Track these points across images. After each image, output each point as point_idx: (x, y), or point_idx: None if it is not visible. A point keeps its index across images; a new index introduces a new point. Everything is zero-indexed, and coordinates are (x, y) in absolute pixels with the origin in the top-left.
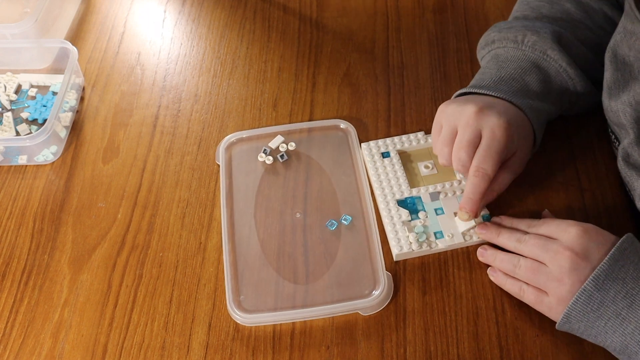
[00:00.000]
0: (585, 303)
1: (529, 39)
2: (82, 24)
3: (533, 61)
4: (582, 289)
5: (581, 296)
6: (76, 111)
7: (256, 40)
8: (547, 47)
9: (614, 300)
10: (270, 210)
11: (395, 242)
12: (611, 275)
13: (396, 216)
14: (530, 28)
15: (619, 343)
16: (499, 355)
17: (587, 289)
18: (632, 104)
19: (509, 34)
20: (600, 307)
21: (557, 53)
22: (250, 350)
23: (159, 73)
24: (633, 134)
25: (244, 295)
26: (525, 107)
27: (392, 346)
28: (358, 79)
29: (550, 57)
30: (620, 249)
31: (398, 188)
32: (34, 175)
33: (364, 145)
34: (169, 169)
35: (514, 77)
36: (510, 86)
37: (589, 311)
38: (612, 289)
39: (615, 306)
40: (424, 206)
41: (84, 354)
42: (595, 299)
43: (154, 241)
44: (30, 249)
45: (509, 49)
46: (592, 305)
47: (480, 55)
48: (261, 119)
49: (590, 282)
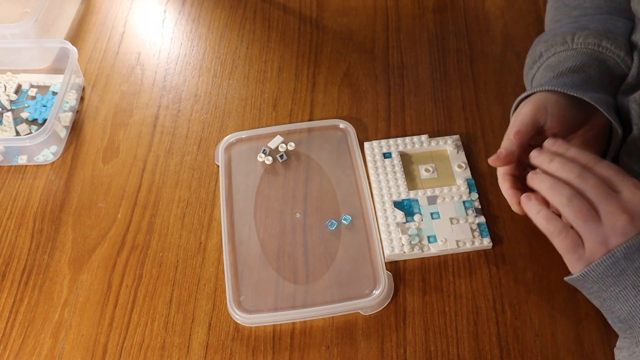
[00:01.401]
0: (608, 267)
1: (579, 36)
2: (82, 24)
3: (589, 55)
4: (610, 254)
5: (607, 260)
6: (76, 111)
7: (256, 40)
8: (602, 38)
9: (636, 271)
10: (270, 211)
11: (387, 242)
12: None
13: (391, 217)
14: (578, 27)
15: (626, 312)
16: (499, 355)
17: (616, 254)
18: (638, 101)
19: (556, 38)
20: (621, 274)
21: (612, 42)
22: (250, 350)
23: (159, 73)
24: (637, 130)
25: (244, 296)
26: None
27: (392, 346)
28: (358, 79)
29: (606, 48)
30: None
31: (396, 189)
32: (34, 175)
33: (366, 144)
34: (169, 169)
35: (574, 70)
36: (572, 78)
37: (609, 275)
38: (638, 260)
39: (635, 277)
40: (420, 209)
41: (84, 354)
42: (619, 266)
43: (154, 241)
44: (30, 249)
45: (561, 53)
46: (615, 271)
47: (530, 76)
48: (261, 119)
49: (620, 250)
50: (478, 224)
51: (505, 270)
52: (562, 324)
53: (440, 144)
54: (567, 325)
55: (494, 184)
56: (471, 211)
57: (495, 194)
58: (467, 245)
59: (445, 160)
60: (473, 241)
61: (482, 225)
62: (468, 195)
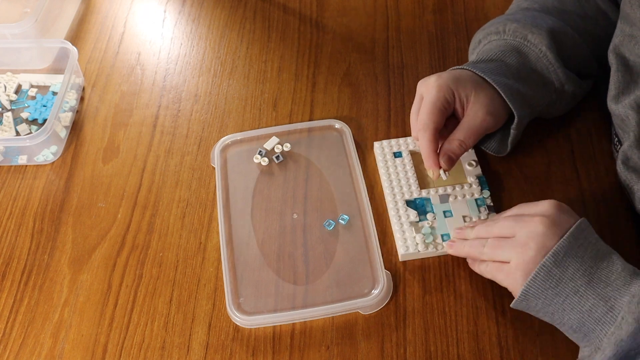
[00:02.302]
0: (544, 279)
1: (509, 27)
2: (82, 24)
3: (514, 46)
4: (541, 265)
5: (540, 272)
6: (76, 111)
7: (256, 40)
8: (527, 32)
9: (572, 277)
10: (267, 212)
11: (401, 242)
12: (570, 253)
13: (404, 216)
14: (511, 18)
15: (576, 320)
16: (499, 355)
17: (546, 264)
18: (634, 107)
19: (491, 28)
20: (559, 284)
21: (536, 37)
22: (250, 351)
23: (159, 73)
24: (634, 137)
25: (244, 297)
26: (497, 83)
27: (392, 346)
28: (358, 79)
29: (530, 42)
30: (579, 227)
31: (408, 188)
32: (34, 175)
33: (376, 144)
34: (169, 169)
35: (492, 59)
36: (488, 65)
37: (547, 287)
38: (571, 266)
39: (573, 283)
40: (432, 208)
41: (84, 354)
42: (554, 275)
43: (154, 241)
44: (30, 249)
45: (493, 41)
46: (551, 282)
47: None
48: (261, 119)
49: (549, 258)
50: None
51: None
52: None
53: None
54: None
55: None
56: (483, 209)
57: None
58: None
59: None
60: None
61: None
62: (480, 193)
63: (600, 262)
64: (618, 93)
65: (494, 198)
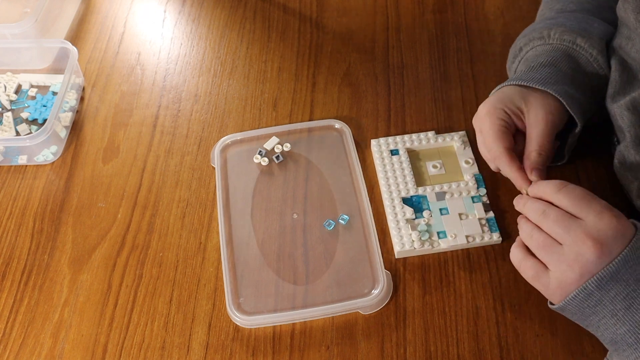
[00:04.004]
0: (583, 300)
1: (555, 31)
2: (82, 24)
3: (563, 51)
4: (583, 286)
5: (580, 293)
6: (76, 111)
7: (256, 40)
8: (576, 35)
9: (612, 300)
10: (267, 212)
11: (397, 239)
12: (616, 277)
13: (400, 213)
14: (556, 23)
15: (609, 339)
16: (499, 355)
17: (588, 287)
18: (630, 108)
19: (534, 34)
20: (598, 305)
21: (586, 41)
22: (250, 351)
23: (159, 73)
24: (629, 137)
25: (244, 297)
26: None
27: (392, 346)
28: (358, 79)
29: (579, 47)
30: (633, 248)
31: (404, 186)
32: (34, 175)
33: (373, 141)
34: (169, 169)
35: (545, 64)
36: (541, 72)
37: (585, 307)
38: (613, 290)
39: (613, 306)
40: (429, 205)
41: (84, 354)
42: (594, 297)
43: (154, 241)
44: (30, 249)
45: (538, 47)
46: (590, 302)
47: (512, 70)
48: (261, 119)
49: (592, 282)
50: (487, 219)
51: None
52: (562, 324)
53: (447, 140)
54: (567, 325)
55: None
56: (480, 206)
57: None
58: (477, 240)
59: (452, 156)
60: (482, 236)
61: (491, 220)
62: (476, 191)
63: None
64: (614, 93)
65: (490, 196)
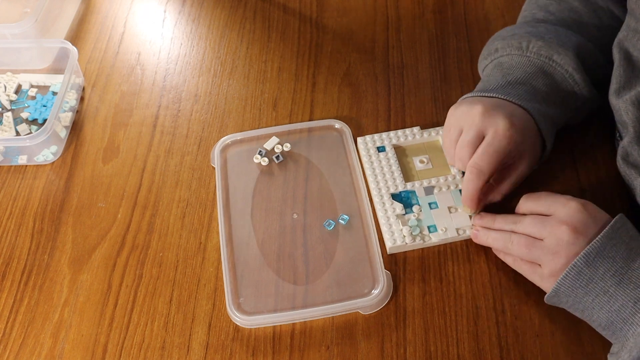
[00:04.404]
0: (574, 278)
1: (534, 44)
2: (82, 24)
3: (539, 67)
4: (572, 265)
5: (571, 272)
6: (76, 111)
7: (256, 40)
8: (553, 52)
9: (602, 277)
10: (267, 212)
11: (389, 235)
12: (602, 253)
13: (390, 210)
14: (535, 34)
15: (605, 319)
16: (499, 355)
17: (578, 264)
18: (635, 103)
19: (513, 41)
20: (589, 284)
21: (563, 58)
22: (250, 351)
23: (159, 73)
24: (633, 133)
25: (244, 297)
26: (534, 111)
27: (392, 346)
28: (358, 79)
29: (556, 63)
30: (613, 227)
31: (393, 182)
32: (34, 175)
33: (359, 139)
34: (169, 169)
35: (521, 82)
36: (518, 90)
37: (577, 287)
38: (601, 267)
39: (603, 283)
40: (418, 200)
41: (84, 354)
42: (584, 275)
43: (154, 241)
44: (30, 249)
45: (514, 56)
46: (581, 281)
47: (482, 66)
48: (261, 119)
49: (580, 259)
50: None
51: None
52: (562, 324)
53: (433, 135)
54: (567, 325)
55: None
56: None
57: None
58: (468, 233)
59: (438, 150)
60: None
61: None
62: None
63: (632, 262)
64: (619, 88)
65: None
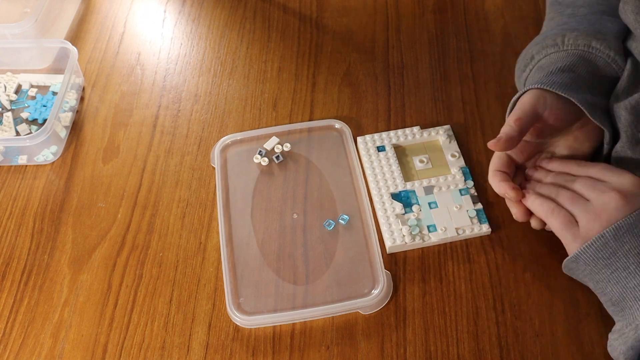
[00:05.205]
0: (598, 249)
1: (568, 37)
2: (82, 24)
3: (580, 56)
4: (600, 235)
5: (597, 241)
6: (76, 111)
7: (256, 40)
8: (591, 38)
9: (627, 254)
10: (267, 212)
11: (388, 234)
12: (633, 230)
13: (390, 209)
14: (568, 28)
15: (618, 293)
16: (499, 355)
17: (606, 235)
18: (627, 108)
19: (547, 41)
20: (612, 256)
21: (602, 43)
22: (250, 351)
23: (159, 73)
24: (625, 138)
25: (244, 297)
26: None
27: (392, 346)
28: (358, 79)
29: (596, 49)
30: None
31: (392, 182)
32: (34, 175)
33: (359, 139)
34: (169, 169)
35: (563, 70)
36: (561, 77)
37: (599, 257)
38: (628, 243)
39: (626, 260)
40: (418, 200)
41: (84, 354)
42: (609, 247)
43: (154, 241)
44: (30, 249)
45: (552, 55)
46: (605, 253)
47: (523, 79)
48: (261, 119)
49: (610, 231)
50: (476, 210)
51: (506, 270)
52: (562, 324)
53: (432, 134)
54: (567, 325)
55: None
56: (468, 198)
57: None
58: (467, 232)
59: (438, 150)
60: (472, 228)
61: (479, 212)
62: (464, 184)
63: None
64: (619, 93)
65: (477, 188)
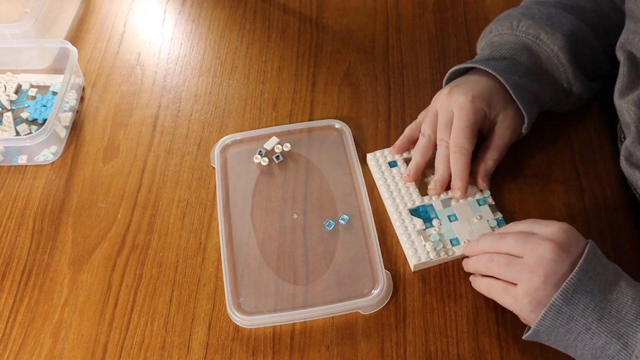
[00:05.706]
0: (554, 318)
1: (523, 23)
2: (82, 24)
3: (526, 44)
4: (550, 304)
5: (550, 311)
6: (76, 111)
7: (256, 40)
8: (541, 30)
9: (583, 314)
10: (267, 212)
11: (412, 252)
12: (580, 288)
13: (410, 226)
14: (527, 14)
15: (590, 356)
16: (499, 355)
17: (556, 303)
18: (637, 103)
19: (505, 21)
20: (570, 321)
21: (549, 37)
22: (250, 351)
23: (159, 73)
24: (636, 133)
25: (244, 297)
26: (509, 81)
27: (392, 346)
28: (358, 79)
29: (542, 41)
30: (587, 259)
31: (409, 197)
32: (34, 175)
33: (369, 155)
34: (169, 169)
35: (505, 57)
36: (500, 63)
37: (558, 325)
38: (581, 303)
39: (585, 320)
40: (437, 214)
41: (84, 354)
42: (564, 313)
43: (154, 241)
44: (30, 249)
45: (504, 35)
46: (562, 320)
47: (478, 48)
48: (261, 119)
49: (558, 296)
50: (496, 220)
51: None
52: None
53: None
54: None
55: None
56: (486, 208)
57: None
58: None
59: None
60: None
61: (500, 221)
62: (480, 194)
63: (609, 294)
64: (623, 88)
65: (494, 198)
